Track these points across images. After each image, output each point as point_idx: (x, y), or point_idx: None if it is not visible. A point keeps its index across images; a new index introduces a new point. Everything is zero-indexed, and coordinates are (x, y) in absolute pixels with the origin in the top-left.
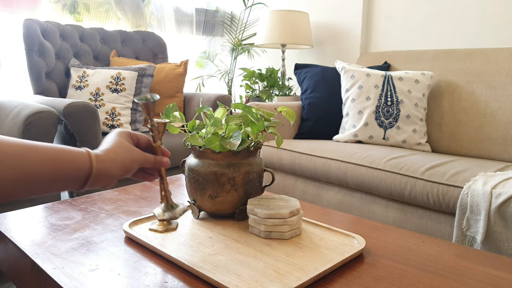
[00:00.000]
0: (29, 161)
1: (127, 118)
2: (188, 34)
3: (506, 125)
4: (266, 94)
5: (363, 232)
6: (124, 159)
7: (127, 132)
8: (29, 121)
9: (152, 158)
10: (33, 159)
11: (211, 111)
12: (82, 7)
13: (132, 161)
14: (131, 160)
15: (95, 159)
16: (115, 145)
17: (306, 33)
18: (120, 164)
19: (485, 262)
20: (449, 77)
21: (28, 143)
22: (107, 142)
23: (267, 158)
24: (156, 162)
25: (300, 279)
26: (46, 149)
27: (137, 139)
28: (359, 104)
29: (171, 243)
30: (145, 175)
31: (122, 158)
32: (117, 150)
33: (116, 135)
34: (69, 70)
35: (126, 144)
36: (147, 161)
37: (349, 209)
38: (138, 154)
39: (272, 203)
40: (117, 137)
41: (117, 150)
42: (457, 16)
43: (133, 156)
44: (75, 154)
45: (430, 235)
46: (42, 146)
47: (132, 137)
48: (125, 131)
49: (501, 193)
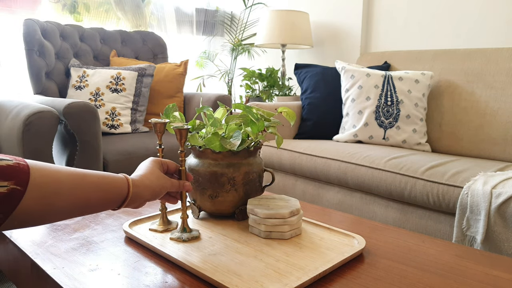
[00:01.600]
0: (81, 189)
1: (127, 118)
2: (188, 34)
3: (506, 125)
4: (266, 94)
5: (363, 232)
6: (155, 186)
7: (159, 160)
8: (29, 121)
9: (177, 183)
10: (84, 187)
11: (211, 111)
12: (82, 7)
13: (161, 188)
14: (160, 186)
15: (132, 185)
16: (148, 172)
17: (306, 33)
18: (151, 190)
19: (485, 262)
20: (449, 77)
21: (79, 172)
22: (142, 169)
23: (267, 158)
24: (180, 186)
25: (300, 279)
26: (93, 176)
27: (167, 166)
28: (359, 104)
29: (171, 243)
30: (170, 198)
31: (153, 184)
32: (150, 177)
33: (150, 163)
34: (69, 70)
35: (158, 172)
36: (173, 186)
37: (349, 209)
38: (166, 181)
39: (272, 203)
40: (151, 164)
41: (149, 177)
42: (457, 16)
43: (163, 183)
44: (117, 180)
45: (430, 235)
46: (90, 174)
47: (163, 165)
48: (158, 160)
49: (501, 193)
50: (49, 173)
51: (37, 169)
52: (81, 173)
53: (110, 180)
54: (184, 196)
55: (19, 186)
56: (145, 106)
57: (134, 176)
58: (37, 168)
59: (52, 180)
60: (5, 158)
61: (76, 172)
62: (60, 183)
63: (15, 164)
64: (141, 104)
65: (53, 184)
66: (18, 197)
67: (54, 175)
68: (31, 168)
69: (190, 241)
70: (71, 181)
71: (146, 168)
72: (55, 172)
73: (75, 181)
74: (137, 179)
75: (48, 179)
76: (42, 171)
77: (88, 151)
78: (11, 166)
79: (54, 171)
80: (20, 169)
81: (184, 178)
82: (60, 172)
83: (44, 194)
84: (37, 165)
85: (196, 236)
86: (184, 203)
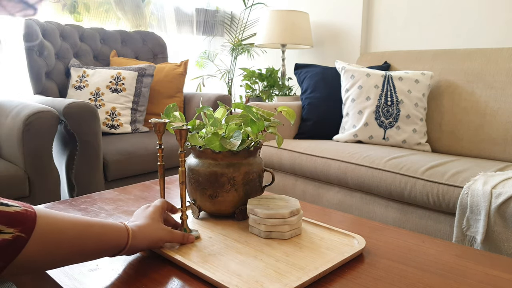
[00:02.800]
0: (83, 240)
1: (127, 118)
2: (188, 34)
3: (506, 125)
4: (266, 94)
5: (363, 232)
6: (153, 237)
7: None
8: (29, 121)
9: (180, 236)
10: (86, 238)
11: (211, 111)
12: (82, 7)
13: (159, 240)
14: (158, 239)
15: (131, 237)
16: (148, 223)
17: (306, 33)
18: (149, 242)
19: (485, 262)
20: (449, 77)
21: (82, 222)
22: (142, 218)
23: (267, 158)
24: (184, 239)
25: (300, 279)
26: (95, 226)
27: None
28: (359, 104)
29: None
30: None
31: (151, 236)
32: (149, 229)
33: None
34: (69, 70)
35: (157, 224)
36: (174, 239)
37: (349, 209)
38: (166, 234)
39: (272, 203)
40: (152, 214)
41: (149, 229)
42: (457, 16)
43: (161, 235)
44: (118, 231)
45: (430, 235)
46: (93, 224)
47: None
48: (160, 208)
49: (501, 193)
50: (54, 221)
51: (43, 217)
52: (84, 223)
53: (112, 230)
54: (184, 197)
55: (23, 234)
56: (145, 106)
57: (134, 226)
58: (44, 216)
59: (56, 229)
60: (14, 204)
61: (79, 222)
62: (64, 233)
63: (23, 211)
64: (141, 104)
65: (57, 233)
66: (21, 245)
67: (58, 224)
68: (38, 216)
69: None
70: (74, 231)
71: (147, 218)
72: (60, 221)
73: (77, 231)
74: (136, 230)
75: (53, 227)
76: (47, 219)
77: (88, 151)
78: (19, 213)
79: (59, 220)
80: (27, 216)
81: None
82: (64, 221)
83: (47, 242)
84: (43, 213)
85: (196, 237)
86: (184, 204)
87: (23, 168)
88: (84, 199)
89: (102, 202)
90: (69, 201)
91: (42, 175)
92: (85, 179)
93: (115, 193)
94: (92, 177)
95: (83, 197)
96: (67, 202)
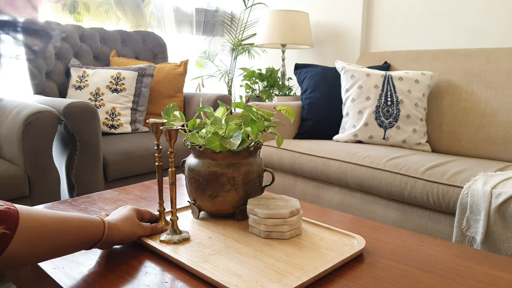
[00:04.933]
0: (64, 233)
1: (127, 118)
2: (188, 34)
3: (506, 125)
4: (266, 94)
5: (363, 232)
6: (127, 231)
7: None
8: (29, 121)
9: (149, 228)
10: (67, 231)
11: (211, 110)
12: (82, 7)
13: (132, 234)
14: (132, 233)
15: (107, 229)
16: (124, 218)
17: (306, 33)
18: (123, 235)
19: (485, 262)
20: (449, 77)
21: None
22: (118, 214)
23: (267, 158)
24: (152, 230)
25: (300, 279)
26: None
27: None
28: (359, 104)
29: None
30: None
31: (126, 230)
32: (124, 223)
33: (128, 210)
34: (69, 70)
35: (132, 219)
36: (146, 231)
37: (349, 209)
38: (139, 229)
39: (272, 203)
40: (128, 211)
41: (124, 223)
42: (457, 16)
43: (135, 229)
44: (95, 224)
45: (430, 235)
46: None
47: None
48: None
49: (501, 193)
50: (36, 217)
51: (25, 214)
52: (64, 217)
53: (89, 224)
54: (174, 198)
55: (8, 230)
56: (145, 106)
57: (110, 220)
58: (26, 213)
59: (39, 224)
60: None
61: (60, 217)
62: (46, 228)
63: (6, 209)
64: (141, 104)
65: (40, 228)
66: (7, 241)
67: (40, 219)
68: (20, 213)
69: (181, 243)
70: (55, 225)
71: (123, 214)
72: (42, 217)
73: (59, 225)
74: (112, 223)
75: (35, 223)
76: (29, 215)
77: (88, 151)
78: (3, 212)
79: (41, 216)
80: (10, 214)
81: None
82: (46, 217)
83: (31, 237)
84: (25, 210)
85: (186, 238)
86: (174, 206)
87: (23, 168)
88: (84, 199)
89: (102, 202)
90: (69, 201)
91: (42, 175)
92: (85, 179)
93: (115, 193)
94: (92, 177)
95: (83, 197)
96: (67, 202)
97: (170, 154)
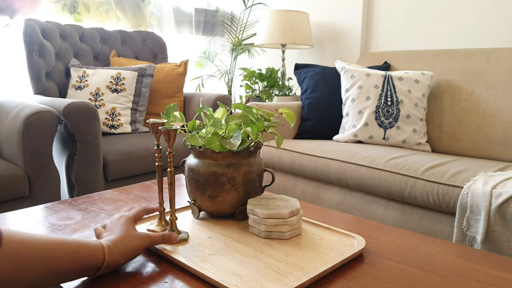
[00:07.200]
0: (56, 257)
1: (127, 118)
2: (188, 34)
3: (506, 125)
4: (266, 94)
5: (363, 232)
6: (129, 250)
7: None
8: (29, 121)
9: (161, 238)
10: (59, 256)
11: (211, 111)
12: (82, 7)
13: (135, 250)
14: (134, 250)
15: (108, 253)
16: (122, 236)
17: (306, 33)
18: (125, 255)
19: (485, 262)
20: (449, 77)
21: (55, 240)
22: (116, 231)
23: (267, 158)
24: (165, 240)
25: (300, 279)
26: (69, 244)
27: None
28: (359, 104)
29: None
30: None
31: (127, 249)
32: (124, 242)
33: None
34: (69, 70)
35: (132, 234)
36: (155, 242)
37: (349, 209)
38: (143, 241)
39: (272, 203)
40: (125, 226)
41: (124, 242)
42: (457, 16)
43: (137, 245)
44: (92, 249)
45: (430, 235)
46: (66, 242)
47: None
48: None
49: (501, 193)
50: (23, 240)
51: (10, 236)
52: (57, 241)
53: (86, 248)
54: (173, 199)
55: None
56: (145, 106)
57: (108, 242)
58: (11, 235)
59: (26, 247)
60: None
61: (52, 240)
62: (33, 251)
63: None
64: (141, 104)
65: (28, 251)
66: None
67: (28, 242)
68: (3, 234)
69: (180, 243)
70: (44, 249)
71: (120, 231)
72: (28, 240)
73: (48, 250)
74: (112, 246)
75: (22, 245)
76: (15, 238)
77: (88, 151)
78: None
79: (28, 239)
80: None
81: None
82: (33, 240)
83: (18, 261)
84: (10, 232)
85: (185, 238)
86: (172, 206)
87: (23, 168)
88: (84, 199)
89: (102, 202)
90: (69, 201)
91: (42, 175)
92: (85, 179)
93: (115, 193)
94: (92, 177)
95: (83, 197)
96: (67, 202)
97: (169, 154)
